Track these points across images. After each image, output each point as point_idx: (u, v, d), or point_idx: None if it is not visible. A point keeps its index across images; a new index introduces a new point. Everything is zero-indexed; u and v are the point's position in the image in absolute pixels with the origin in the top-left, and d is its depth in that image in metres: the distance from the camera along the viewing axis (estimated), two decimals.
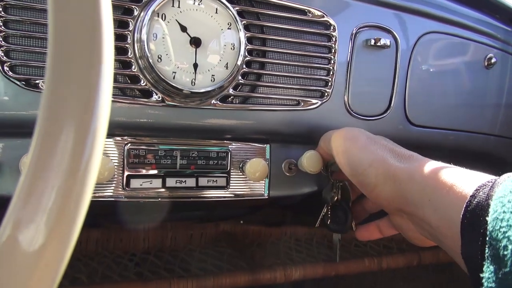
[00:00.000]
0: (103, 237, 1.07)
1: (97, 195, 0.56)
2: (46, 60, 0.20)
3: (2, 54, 0.48)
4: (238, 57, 0.56)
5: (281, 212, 1.40)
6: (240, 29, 0.56)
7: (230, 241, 1.29)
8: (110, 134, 0.57)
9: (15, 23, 0.49)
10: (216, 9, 0.55)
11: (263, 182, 0.64)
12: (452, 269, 1.18)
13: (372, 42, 0.66)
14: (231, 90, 0.58)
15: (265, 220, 1.35)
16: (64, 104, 0.19)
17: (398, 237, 1.27)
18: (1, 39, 0.48)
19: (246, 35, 0.57)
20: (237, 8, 0.57)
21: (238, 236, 1.31)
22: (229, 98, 0.60)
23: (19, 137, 0.55)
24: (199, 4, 0.54)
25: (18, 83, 0.50)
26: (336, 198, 0.61)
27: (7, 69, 0.49)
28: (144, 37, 0.51)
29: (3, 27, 0.48)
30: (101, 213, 0.91)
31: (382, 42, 0.66)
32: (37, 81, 0.50)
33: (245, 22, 0.57)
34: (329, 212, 0.62)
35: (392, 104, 0.70)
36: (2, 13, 0.48)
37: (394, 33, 0.68)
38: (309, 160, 0.61)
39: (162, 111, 0.57)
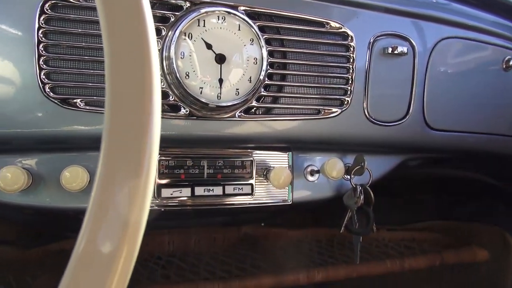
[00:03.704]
0: None
1: None
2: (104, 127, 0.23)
3: (44, 76, 0.52)
4: (261, 71, 0.59)
5: (302, 214, 1.42)
6: (262, 44, 0.58)
7: (252, 244, 1.32)
8: None
9: (54, 47, 0.53)
10: (239, 25, 0.57)
11: (287, 188, 0.67)
12: (477, 268, 1.18)
13: (390, 50, 0.67)
14: (254, 102, 0.61)
15: (286, 222, 1.37)
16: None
17: (420, 237, 1.28)
18: (42, 62, 0.52)
19: (268, 49, 0.60)
20: (258, 23, 0.60)
21: (259, 239, 1.33)
22: (252, 110, 0.62)
23: (58, 151, 0.59)
24: (222, 22, 0.57)
25: (58, 102, 0.53)
26: (360, 203, 0.64)
27: (48, 90, 0.52)
28: (172, 55, 0.55)
29: (44, 52, 0.52)
30: None
31: (399, 49, 0.68)
32: (74, 100, 0.54)
33: (266, 36, 0.60)
34: (355, 217, 0.64)
35: (410, 110, 0.71)
36: (43, 38, 0.52)
37: (411, 40, 0.70)
38: (331, 167, 0.63)
39: (189, 124, 0.60)
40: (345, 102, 0.66)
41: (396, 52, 0.67)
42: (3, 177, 0.53)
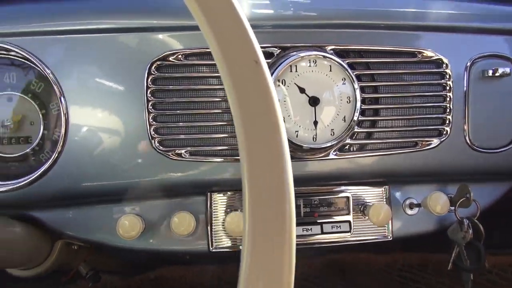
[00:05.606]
0: (219, 270, 1.16)
1: (229, 245, 0.62)
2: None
3: (153, 132, 0.57)
4: (355, 110, 0.58)
5: None
6: (354, 83, 0.58)
7: (340, 270, 1.29)
8: (238, 190, 0.62)
9: (161, 104, 0.57)
10: (330, 66, 0.58)
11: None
12: None
13: (490, 73, 0.63)
14: (348, 139, 0.60)
15: (373, 246, 1.32)
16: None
17: None
18: (152, 119, 0.57)
19: (360, 84, 0.59)
20: (348, 61, 0.59)
21: (347, 265, 1.30)
22: (347, 147, 0.62)
23: (165, 198, 0.63)
24: (314, 66, 0.57)
25: (165, 154, 0.58)
26: (469, 238, 0.59)
27: (157, 144, 0.57)
28: None
29: (152, 109, 0.57)
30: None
31: (500, 71, 0.63)
32: (180, 151, 0.58)
33: (356, 73, 0.60)
34: (465, 254, 0.60)
35: None
36: (151, 97, 0.56)
37: None
38: (434, 202, 0.60)
39: None
40: (444, 132, 0.63)
41: (497, 74, 0.63)
42: (122, 225, 0.58)
